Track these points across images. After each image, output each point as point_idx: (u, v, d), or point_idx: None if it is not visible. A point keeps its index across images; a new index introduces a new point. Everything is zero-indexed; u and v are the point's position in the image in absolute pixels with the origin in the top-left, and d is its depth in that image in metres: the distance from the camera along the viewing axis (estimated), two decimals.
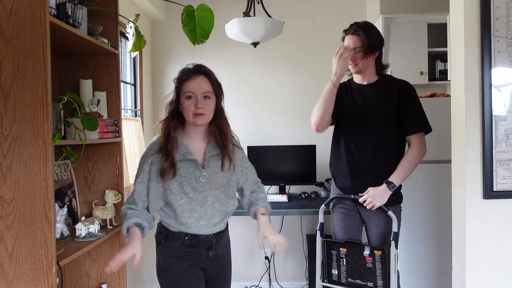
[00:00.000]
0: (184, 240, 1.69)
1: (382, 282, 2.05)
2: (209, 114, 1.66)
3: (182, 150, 1.66)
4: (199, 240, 1.71)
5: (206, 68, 1.69)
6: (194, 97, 1.63)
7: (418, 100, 2.15)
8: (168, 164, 1.62)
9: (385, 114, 2.12)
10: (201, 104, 1.62)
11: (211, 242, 1.73)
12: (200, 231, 1.69)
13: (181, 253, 1.70)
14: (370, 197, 2.08)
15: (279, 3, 3.45)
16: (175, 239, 1.70)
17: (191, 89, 1.63)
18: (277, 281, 3.56)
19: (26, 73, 1.40)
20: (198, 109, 1.62)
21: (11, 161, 1.42)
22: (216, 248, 1.76)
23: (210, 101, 1.66)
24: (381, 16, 3.01)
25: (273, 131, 3.56)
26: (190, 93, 1.63)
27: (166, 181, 1.63)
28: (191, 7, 1.75)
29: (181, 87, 1.65)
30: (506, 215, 1.71)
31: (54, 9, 1.48)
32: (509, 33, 1.67)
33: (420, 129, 2.11)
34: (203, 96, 1.64)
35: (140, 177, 1.68)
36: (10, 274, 1.43)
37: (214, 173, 1.69)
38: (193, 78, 1.64)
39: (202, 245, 1.72)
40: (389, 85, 2.15)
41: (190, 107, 1.63)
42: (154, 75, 3.66)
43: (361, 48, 2.09)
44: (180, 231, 1.69)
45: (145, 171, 1.67)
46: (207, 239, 1.72)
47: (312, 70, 3.53)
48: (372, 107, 2.14)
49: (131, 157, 2.94)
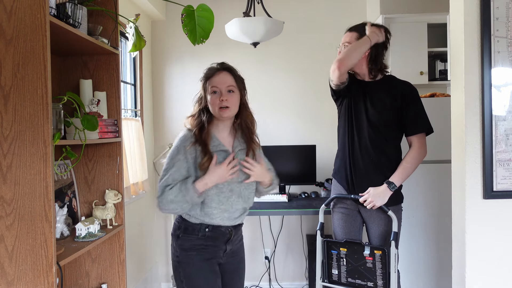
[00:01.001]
0: (205, 232, 1.75)
1: (382, 282, 2.05)
2: (234, 107, 1.75)
3: (215, 142, 1.76)
4: (219, 233, 1.77)
5: (228, 65, 1.81)
6: (219, 91, 1.73)
7: (420, 101, 2.15)
8: (207, 156, 1.70)
9: (386, 114, 2.12)
10: (225, 97, 1.72)
11: (230, 235, 1.80)
12: (223, 222, 1.76)
13: (200, 246, 1.75)
14: (371, 197, 2.08)
15: (279, 3, 3.45)
16: (195, 232, 1.75)
17: (215, 84, 1.74)
18: (277, 281, 3.56)
19: (26, 73, 1.40)
20: (222, 102, 1.71)
21: (11, 161, 1.42)
22: (233, 242, 1.83)
23: (234, 95, 1.75)
24: (381, 16, 3.01)
25: (273, 131, 3.56)
26: (215, 88, 1.74)
27: (203, 171, 1.70)
28: (191, 7, 1.75)
29: (207, 83, 1.76)
30: (506, 215, 1.71)
31: (54, 9, 1.48)
32: (509, 33, 1.67)
33: (422, 130, 2.12)
34: (227, 90, 1.74)
35: (176, 166, 1.72)
36: (10, 274, 1.43)
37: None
38: (217, 74, 1.76)
39: (221, 238, 1.78)
40: (392, 85, 2.15)
41: (215, 100, 1.73)
42: (154, 75, 3.66)
43: (347, 43, 2.15)
44: (201, 223, 1.75)
45: (181, 160, 1.72)
46: (227, 231, 1.79)
47: (312, 70, 3.53)
48: (375, 106, 2.14)
49: (131, 157, 2.94)
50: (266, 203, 2.98)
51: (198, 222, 1.76)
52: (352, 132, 2.18)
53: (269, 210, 2.82)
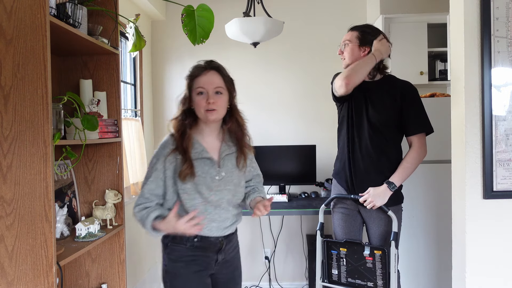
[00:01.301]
0: (193, 242, 1.62)
1: (382, 282, 2.05)
2: (221, 110, 1.62)
3: (198, 148, 1.62)
4: (208, 243, 1.64)
5: (217, 63, 1.66)
6: (206, 92, 1.60)
7: (420, 101, 2.15)
8: (186, 164, 1.57)
9: (386, 114, 2.12)
10: (212, 99, 1.58)
11: (221, 245, 1.67)
12: (211, 233, 1.63)
13: (189, 257, 1.63)
14: (371, 197, 2.08)
15: (279, 3, 3.45)
16: (183, 241, 1.62)
17: (202, 84, 1.60)
18: (277, 281, 3.56)
19: (26, 73, 1.41)
20: (209, 104, 1.58)
21: (11, 161, 1.42)
22: (225, 252, 1.69)
23: (222, 97, 1.62)
24: (381, 16, 3.01)
25: (273, 131, 3.56)
26: (201, 89, 1.60)
27: (184, 180, 1.57)
28: (191, 7, 1.75)
29: (192, 83, 1.63)
30: (506, 215, 1.71)
31: (54, 9, 1.48)
32: (509, 33, 1.67)
33: (422, 130, 2.11)
34: (215, 92, 1.60)
35: (153, 176, 1.61)
36: (10, 274, 1.44)
37: (229, 172, 1.66)
38: (204, 73, 1.62)
39: (211, 248, 1.65)
40: (392, 85, 2.15)
41: (201, 102, 1.59)
42: (154, 75, 3.66)
43: (348, 41, 2.17)
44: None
45: (158, 170, 1.60)
46: (217, 241, 1.66)
47: (312, 70, 3.53)
48: (374, 107, 2.14)
49: (131, 157, 2.94)
50: None
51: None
52: (353, 133, 2.18)
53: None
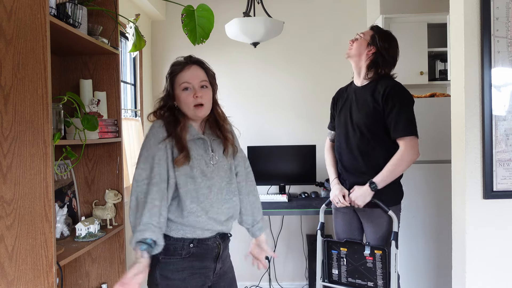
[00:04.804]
0: (189, 248, 1.52)
1: (382, 282, 2.05)
2: (208, 104, 1.57)
3: (193, 131, 1.57)
4: (206, 247, 1.55)
5: (197, 58, 1.61)
6: (191, 87, 1.54)
7: (404, 103, 2.07)
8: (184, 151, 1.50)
9: (370, 117, 2.10)
10: (199, 93, 1.53)
11: (218, 249, 1.58)
12: (207, 226, 1.53)
13: (186, 270, 1.51)
14: (353, 197, 2.09)
15: (279, 3, 3.45)
16: (177, 251, 1.51)
17: (186, 79, 1.54)
18: (277, 281, 3.56)
19: (26, 73, 1.41)
20: (197, 98, 1.52)
21: (11, 161, 1.42)
22: (223, 260, 1.62)
23: (207, 91, 1.57)
24: (381, 16, 3.01)
25: (273, 131, 3.56)
26: (186, 84, 1.54)
27: (180, 165, 1.50)
28: (191, 7, 1.75)
29: (174, 80, 1.56)
30: (506, 215, 1.71)
31: (54, 9, 1.48)
32: (509, 33, 1.67)
33: (403, 134, 2.04)
34: (200, 86, 1.55)
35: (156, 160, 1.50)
36: (10, 274, 1.43)
37: (220, 156, 1.60)
38: (187, 68, 1.56)
39: (209, 254, 1.56)
40: (377, 87, 2.12)
41: (188, 98, 1.53)
42: (154, 75, 3.66)
43: (362, 34, 2.19)
44: (183, 237, 1.52)
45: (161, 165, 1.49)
46: (214, 245, 1.57)
47: (312, 70, 3.53)
48: (359, 109, 2.15)
49: (131, 157, 2.94)
50: (266, 203, 2.98)
51: (179, 237, 1.51)
52: (340, 137, 2.22)
53: (269, 210, 2.81)
